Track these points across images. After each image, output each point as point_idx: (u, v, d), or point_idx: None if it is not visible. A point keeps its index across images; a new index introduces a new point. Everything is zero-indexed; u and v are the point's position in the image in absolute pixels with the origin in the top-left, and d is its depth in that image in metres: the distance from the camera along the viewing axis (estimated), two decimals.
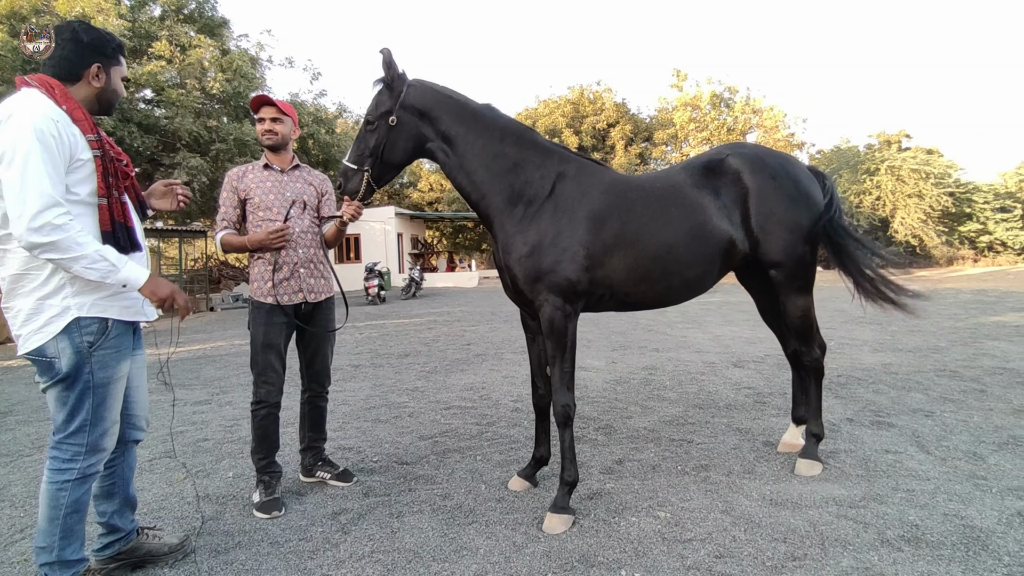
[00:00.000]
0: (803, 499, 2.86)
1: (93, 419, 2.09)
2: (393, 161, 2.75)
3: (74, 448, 2.08)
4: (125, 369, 2.17)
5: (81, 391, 2.07)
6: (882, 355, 6.65)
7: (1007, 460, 3.27)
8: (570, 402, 2.72)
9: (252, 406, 3.03)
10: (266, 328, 2.97)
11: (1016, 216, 30.16)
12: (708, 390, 5.23)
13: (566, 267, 2.66)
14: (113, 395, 2.14)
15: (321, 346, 3.21)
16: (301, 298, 3.06)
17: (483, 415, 4.64)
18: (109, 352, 2.10)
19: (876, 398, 4.71)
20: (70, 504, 2.08)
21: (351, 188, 2.73)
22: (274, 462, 3.06)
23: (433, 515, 2.84)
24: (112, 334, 2.10)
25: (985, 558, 2.29)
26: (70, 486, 2.07)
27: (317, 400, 3.28)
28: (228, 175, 3.11)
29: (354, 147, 2.76)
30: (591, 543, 2.52)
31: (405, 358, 7.58)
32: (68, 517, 2.08)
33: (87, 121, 2.06)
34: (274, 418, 3.04)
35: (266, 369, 3.00)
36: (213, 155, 15.32)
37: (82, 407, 2.08)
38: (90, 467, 2.11)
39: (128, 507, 2.43)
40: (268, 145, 3.10)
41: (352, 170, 2.72)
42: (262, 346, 2.98)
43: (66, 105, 2.02)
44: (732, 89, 33.15)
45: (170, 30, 15.61)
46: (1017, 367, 5.72)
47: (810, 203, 3.09)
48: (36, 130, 1.87)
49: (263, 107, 3.09)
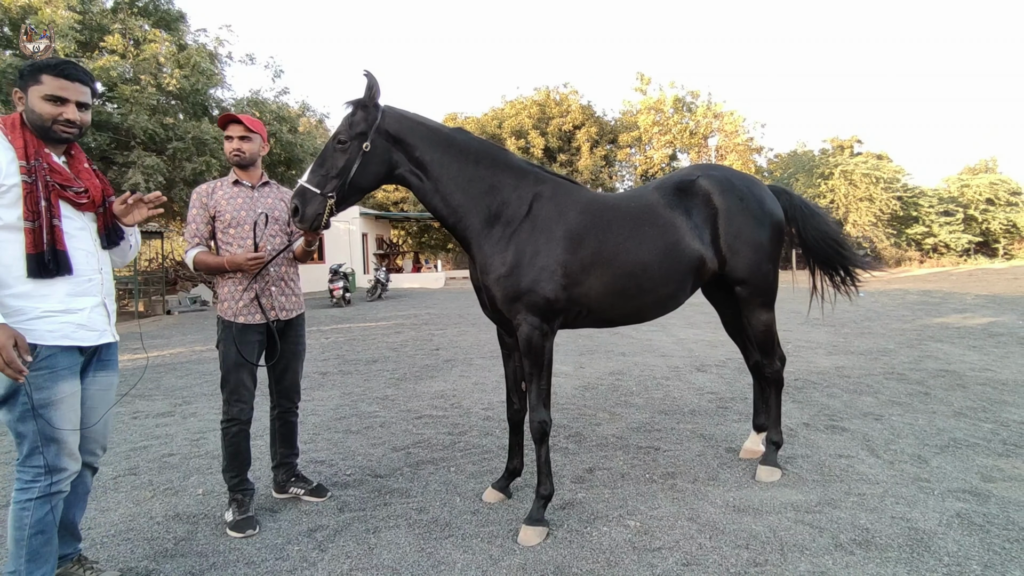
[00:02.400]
0: (763, 505, 3.02)
1: (43, 440, 2.07)
2: (361, 185, 2.70)
3: (33, 470, 2.09)
4: (67, 390, 2.13)
5: (21, 414, 2.06)
6: (835, 358, 6.97)
7: (948, 462, 3.51)
8: (547, 418, 2.80)
9: (223, 424, 3.01)
10: (238, 346, 2.95)
11: (958, 220, 31.84)
12: (673, 396, 5.40)
13: (544, 286, 2.73)
14: (61, 415, 2.10)
15: (291, 362, 3.21)
16: (273, 316, 3.05)
17: (455, 424, 4.68)
18: (43, 373, 2.06)
19: (830, 402, 4.96)
20: (33, 524, 2.07)
21: (311, 213, 2.58)
22: (246, 479, 3.04)
23: (409, 530, 2.88)
24: (42, 356, 2.06)
25: (928, 559, 2.47)
26: (32, 505, 2.08)
27: (287, 416, 3.27)
28: (197, 191, 3.08)
29: (315, 167, 2.63)
30: (565, 554, 2.61)
31: (373, 364, 7.55)
32: (33, 539, 2.07)
33: (25, 148, 2.07)
34: (245, 435, 3.03)
35: (238, 387, 2.98)
36: (170, 154, 14.79)
37: (27, 430, 2.07)
38: (51, 487, 2.10)
39: (68, 533, 2.38)
40: (236, 163, 3.09)
41: (312, 193, 2.59)
42: (234, 365, 2.96)
43: (10, 135, 2.08)
44: (694, 93, 33.96)
45: (123, 23, 15.01)
46: (958, 369, 6.10)
47: (773, 223, 3.26)
48: None
49: (231, 124, 3.05)
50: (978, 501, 2.98)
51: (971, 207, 32.32)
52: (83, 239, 2.22)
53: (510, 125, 30.45)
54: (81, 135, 2.24)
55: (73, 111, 2.15)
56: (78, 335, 2.15)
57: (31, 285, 2.06)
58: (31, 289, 2.06)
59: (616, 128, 33.78)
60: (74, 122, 2.16)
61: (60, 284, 2.11)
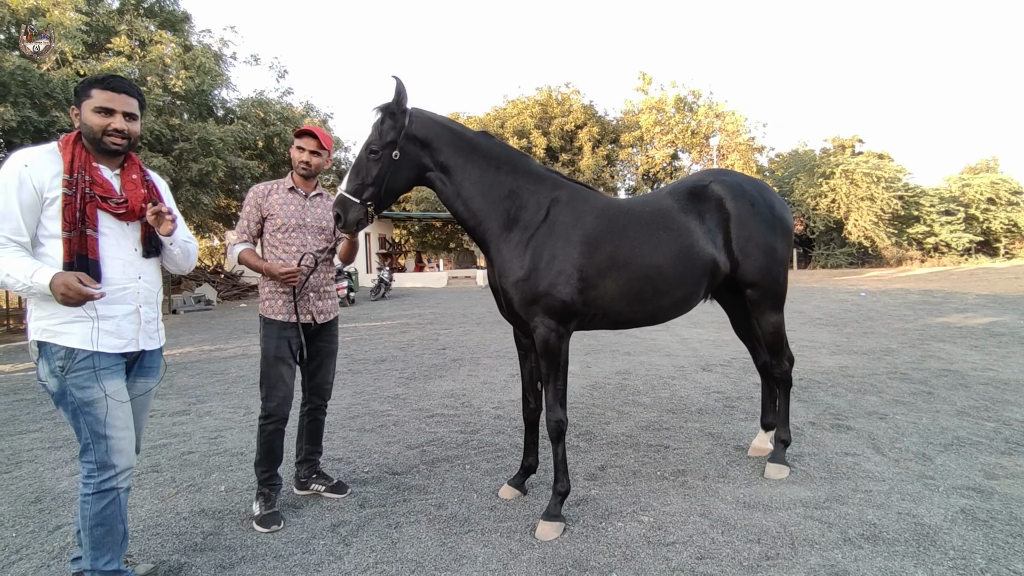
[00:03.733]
0: (773, 501, 3.10)
1: (93, 436, 2.17)
2: (395, 189, 2.81)
3: (88, 465, 2.19)
4: (109, 388, 2.19)
5: (73, 411, 2.17)
6: (839, 357, 7.05)
7: (952, 460, 3.59)
8: (563, 418, 2.89)
9: (261, 420, 3.11)
10: (277, 343, 3.07)
11: (959, 219, 31.90)
12: (680, 395, 5.48)
13: (561, 289, 2.82)
14: (107, 412, 2.18)
15: (325, 360, 3.33)
16: (309, 319, 3.18)
17: (466, 423, 4.77)
18: (82, 374, 2.15)
19: (835, 401, 5.04)
20: (92, 517, 2.18)
21: (352, 219, 2.71)
22: (276, 475, 3.16)
23: (430, 525, 2.97)
24: (79, 357, 2.16)
25: (934, 552, 2.56)
26: (90, 499, 2.18)
27: (317, 413, 3.38)
28: (254, 190, 3.22)
29: (352, 176, 2.74)
30: (582, 548, 2.70)
31: (382, 363, 7.64)
32: (94, 529, 2.18)
33: (72, 163, 2.18)
34: (281, 433, 3.14)
35: (278, 382, 3.08)
36: (176, 154, 14.91)
37: (80, 427, 2.18)
38: (104, 483, 2.19)
39: None
40: (302, 174, 3.23)
41: (352, 202, 2.71)
42: (274, 359, 3.08)
43: (63, 151, 2.20)
44: (696, 93, 33.99)
45: (130, 24, 15.10)
46: (960, 368, 6.18)
47: (784, 227, 3.35)
48: (4, 168, 2.14)
49: (305, 137, 3.20)
50: (982, 497, 3.07)
51: (972, 207, 32.38)
52: (123, 248, 2.29)
53: (512, 125, 30.50)
54: (131, 146, 2.33)
55: (120, 121, 2.23)
56: (105, 341, 2.21)
57: None
58: None
59: (618, 128, 33.83)
60: (122, 131, 2.24)
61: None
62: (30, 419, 5.30)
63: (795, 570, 2.45)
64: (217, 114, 17.55)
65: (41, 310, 2.15)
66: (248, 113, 17.61)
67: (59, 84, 12.04)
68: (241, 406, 5.55)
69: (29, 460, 4.16)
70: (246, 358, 8.36)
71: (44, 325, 2.15)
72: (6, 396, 6.32)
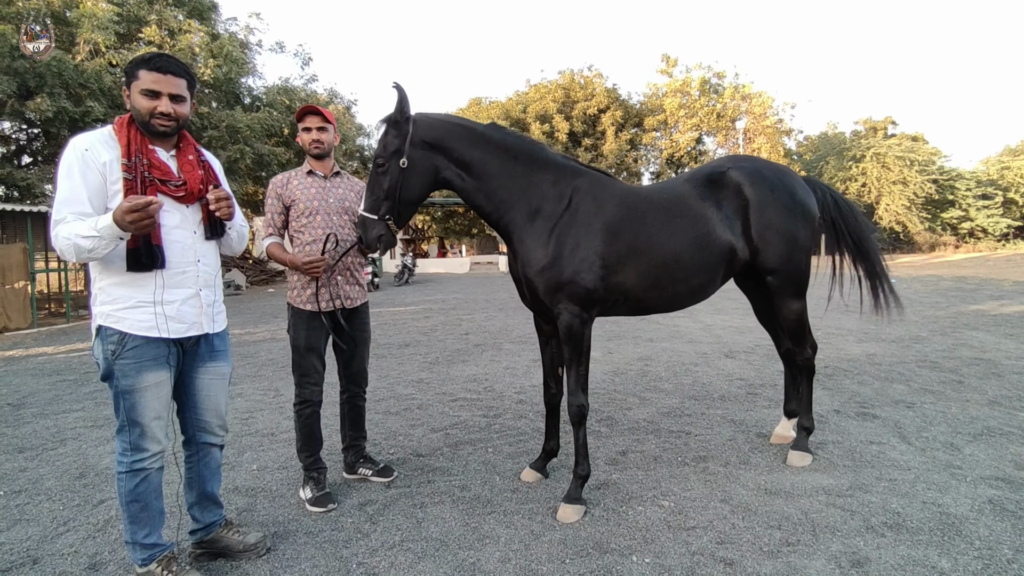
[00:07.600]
0: (795, 488, 3.11)
1: (128, 421, 2.25)
2: (412, 198, 2.80)
3: (123, 444, 2.28)
4: (151, 380, 2.25)
5: (115, 394, 2.25)
6: (866, 345, 6.95)
7: (981, 450, 3.54)
8: (584, 403, 2.93)
9: (296, 406, 3.19)
10: (307, 332, 3.13)
11: (997, 203, 30.83)
12: (702, 381, 5.47)
13: (585, 276, 2.84)
14: (144, 403, 2.24)
15: (359, 348, 3.35)
16: (339, 305, 3.21)
17: (489, 407, 4.84)
18: (128, 363, 2.21)
19: (861, 389, 4.99)
20: (127, 494, 2.27)
21: (373, 237, 2.73)
22: (319, 459, 3.24)
23: (454, 506, 3.05)
24: (129, 345, 2.21)
25: (959, 542, 2.55)
26: (124, 477, 2.27)
27: (355, 400, 3.43)
28: (272, 182, 3.25)
29: (367, 194, 2.78)
30: (603, 531, 2.75)
31: (406, 348, 7.76)
32: (130, 505, 2.28)
33: (128, 146, 2.18)
34: (317, 416, 3.22)
35: (309, 370, 3.16)
36: (205, 142, 15.20)
37: (119, 408, 2.26)
38: (136, 463, 2.26)
39: (209, 502, 2.61)
40: (316, 154, 3.23)
41: (370, 220, 2.73)
42: (304, 349, 3.14)
43: (118, 134, 2.21)
44: (720, 75, 33.28)
45: (159, 14, 15.37)
46: (993, 357, 6.04)
47: (805, 213, 3.31)
48: (65, 154, 2.18)
49: (308, 116, 3.19)
50: (1011, 488, 3.03)
51: (1011, 190, 31.24)
52: (182, 232, 2.32)
53: (534, 109, 30.27)
54: (180, 127, 2.29)
55: (166, 104, 2.19)
56: (166, 326, 2.26)
57: (128, 276, 2.21)
58: (128, 279, 2.21)
59: (641, 111, 33.32)
60: (168, 114, 2.20)
61: (154, 276, 2.24)
62: (72, 399, 5.53)
63: (816, 556, 2.47)
64: (244, 102, 17.80)
65: (106, 295, 2.22)
66: (274, 100, 17.84)
67: (92, 74, 12.33)
68: (271, 388, 5.71)
69: (73, 438, 4.35)
70: (275, 342, 8.56)
71: (107, 310, 2.22)
72: (49, 377, 6.60)
